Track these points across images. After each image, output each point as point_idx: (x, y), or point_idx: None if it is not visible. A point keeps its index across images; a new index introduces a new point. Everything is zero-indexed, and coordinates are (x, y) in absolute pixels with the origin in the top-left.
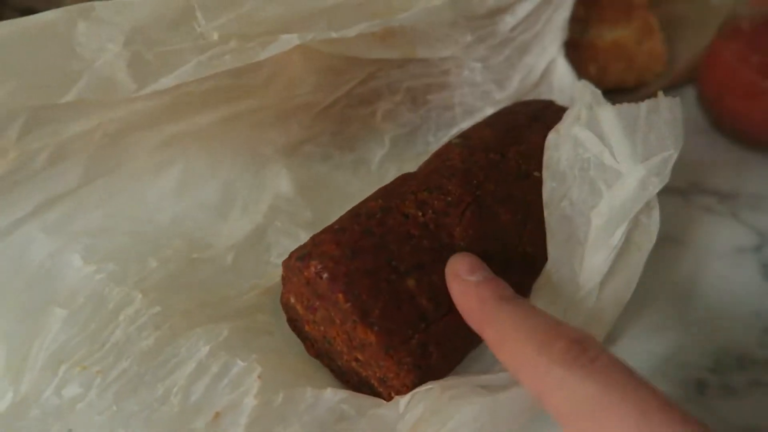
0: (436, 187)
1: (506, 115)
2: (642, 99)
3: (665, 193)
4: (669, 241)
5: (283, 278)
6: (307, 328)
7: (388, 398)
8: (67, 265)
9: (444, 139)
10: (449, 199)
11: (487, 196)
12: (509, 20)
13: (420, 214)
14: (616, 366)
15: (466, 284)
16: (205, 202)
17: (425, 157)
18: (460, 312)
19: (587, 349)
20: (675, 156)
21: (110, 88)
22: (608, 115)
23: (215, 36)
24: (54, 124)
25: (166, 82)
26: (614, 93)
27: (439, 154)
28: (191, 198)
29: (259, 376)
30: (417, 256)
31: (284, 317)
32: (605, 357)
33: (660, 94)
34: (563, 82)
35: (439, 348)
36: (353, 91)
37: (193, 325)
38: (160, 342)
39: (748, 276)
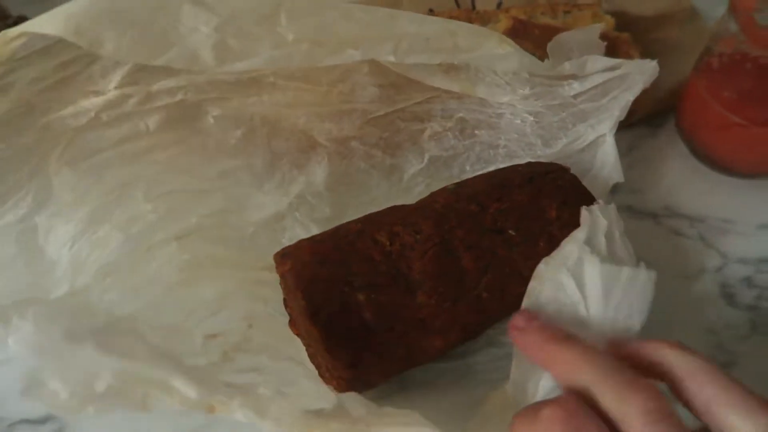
0: (411, 224)
1: (507, 172)
2: (626, 126)
3: (639, 216)
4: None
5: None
6: (288, 309)
7: (331, 384)
8: (131, 197)
9: (480, 171)
10: (418, 236)
11: (455, 240)
12: (576, 87)
13: (388, 243)
14: None
15: (530, 328)
16: (252, 165)
17: (457, 181)
18: (524, 352)
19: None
20: (637, 329)
21: (193, 60)
22: (593, 270)
23: (290, 37)
24: (148, 77)
25: (240, 66)
26: None
27: (433, 194)
28: (242, 158)
29: (249, 326)
30: (372, 277)
31: (281, 294)
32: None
33: (642, 266)
34: (606, 158)
35: (375, 357)
36: (408, 108)
37: (208, 277)
38: (182, 282)
39: (707, 295)
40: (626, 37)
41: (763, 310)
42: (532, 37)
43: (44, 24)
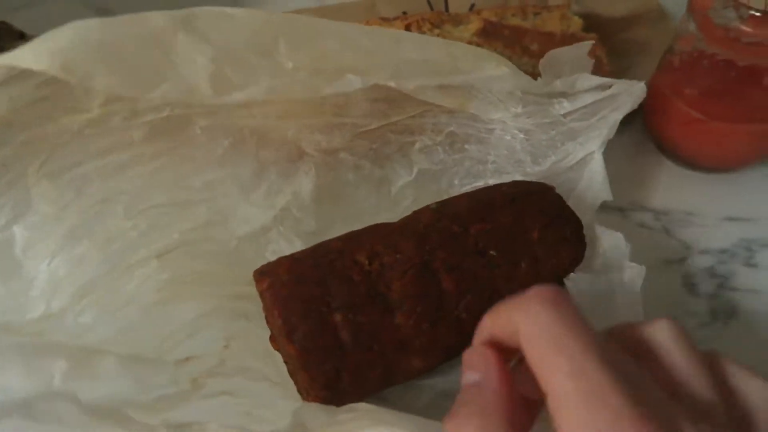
0: (392, 245)
1: (491, 191)
2: None
3: (607, 211)
4: None
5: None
6: (269, 325)
7: (308, 401)
8: (112, 213)
9: (468, 186)
10: (398, 256)
11: (436, 261)
12: (567, 106)
13: (368, 263)
14: None
15: None
16: (239, 175)
17: (445, 195)
18: None
19: None
20: None
21: (190, 92)
22: None
23: (290, 65)
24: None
25: (238, 96)
26: None
27: (415, 213)
28: (229, 168)
29: (225, 347)
30: (350, 297)
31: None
32: None
33: None
34: (594, 177)
35: (352, 376)
36: (400, 121)
37: (188, 296)
38: (160, 302)
39: (670, 285)
40: (593, 38)
41: (724, 299)
42: (502, 37)
43: (29, 58)
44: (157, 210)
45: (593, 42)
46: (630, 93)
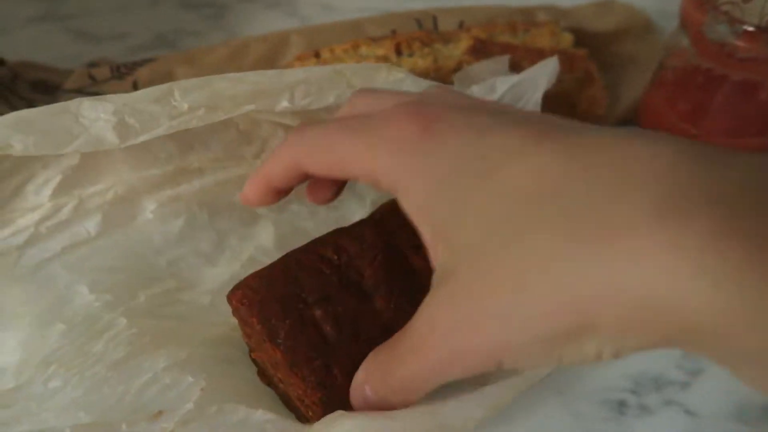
0: (355, 236)
1: None
2: None
3: None
4: None
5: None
6: (253, 355)
7: (308, 416)
8: (77, 293)
9: None
10: (363, 245)
11: (401, 242)
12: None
13: (336, 257)
14: None
15: None
16: (200, 250)
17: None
18: None
19: None
20: None
21: (99, 143)
22: None
23: (186, 107)
24: (78, 184)
25: (142, 138)
26: None
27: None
28: (189, 245)
29: (202, 389)
30: (325, 289)
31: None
32: None
33: None
34: None
35: (343, 371)
36: None
37: (160, 346)
38: (129, 355)
39: None
40: (584, 53)
41: None
42: (492, 55)
43: None
44: (121, 283)
45: (584, 55)
46: (544, 72)
